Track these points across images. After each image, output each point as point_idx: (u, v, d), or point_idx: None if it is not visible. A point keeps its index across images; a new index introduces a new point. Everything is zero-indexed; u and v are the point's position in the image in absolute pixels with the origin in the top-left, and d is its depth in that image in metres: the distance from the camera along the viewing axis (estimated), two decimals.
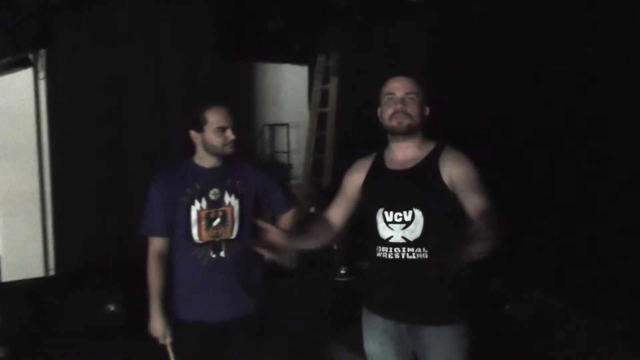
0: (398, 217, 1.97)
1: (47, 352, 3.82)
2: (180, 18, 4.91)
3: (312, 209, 5.99)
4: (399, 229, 1.97)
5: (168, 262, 2.33)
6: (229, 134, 2.23)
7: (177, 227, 2.28)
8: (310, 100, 6.22)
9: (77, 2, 4.35)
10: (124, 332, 3.99)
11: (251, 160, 2.49)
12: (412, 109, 1.99)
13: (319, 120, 6.10)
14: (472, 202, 1.88)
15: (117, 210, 4.71)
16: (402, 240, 1.96)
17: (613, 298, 3.32)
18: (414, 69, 4.80)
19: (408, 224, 1.95)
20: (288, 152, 6.08)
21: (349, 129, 5.73)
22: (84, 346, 3.85)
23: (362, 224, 2.21)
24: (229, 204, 2.28)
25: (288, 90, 6.14)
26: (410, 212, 1.95)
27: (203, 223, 2.25)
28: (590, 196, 3.62)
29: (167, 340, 2.29)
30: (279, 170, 6.02)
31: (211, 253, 2.26)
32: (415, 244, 1.94)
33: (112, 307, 3.99)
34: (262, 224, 1.92)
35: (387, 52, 5.15)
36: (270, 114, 6.10)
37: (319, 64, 6.06)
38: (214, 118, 2.22)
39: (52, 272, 4.68)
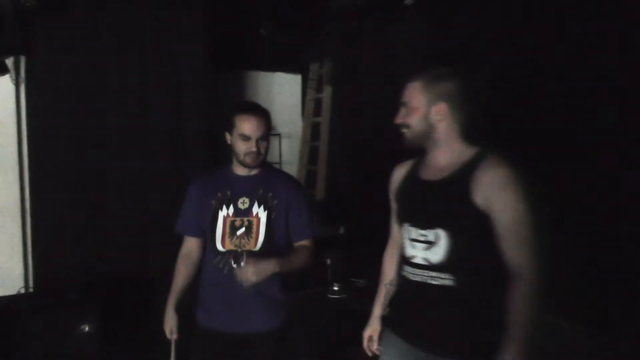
0: (422, 235, 1.79)
1: None
2: (166, 24, 4.72)
3: None
4: (422, 248, 1.78)
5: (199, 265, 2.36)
6: (252, 145, 2.18)
7: (206, 231, 2.29)
8: (303, 110, 6.08)
9: (57, 6, 4.19)
10: (98, 354, 3.79)
11: (292, 177, 2.45)
12: (409, 119, 1.82)
13: (312, 131, 5.95)
14: (507, 248, 1.65)
15: (96, 226, 4.52)
16: (425, 263, 1.78)
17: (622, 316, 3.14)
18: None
19: (431, 244, 1.75)
20: (280, 163, 5.88)
21: (343, 139, 5.57)
22: None
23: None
24: (257, 214, 2.23)
25: (280, 99, 5.96)
26: (433, 231, 1.75)
27: (227, 230, 2.22)
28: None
29: (173, 337, 2.33)
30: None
31: (232, 262, 2.21)
32: (438, 268, 1.74)
33: (86, 328, 3.78)
34: None
35: (381, 59, 4.99)
36: None
37: (312, 73, 5.92)
38: (241, 124, 2.20)
39: (31, 290, 4.47)
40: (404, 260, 1.87)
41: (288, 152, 5.99)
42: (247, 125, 2.18)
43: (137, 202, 4.59)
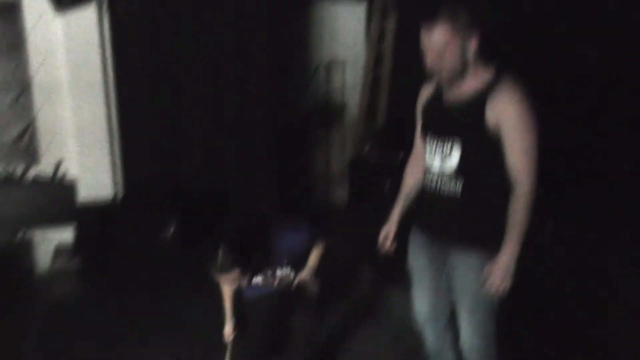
0: (439, 146, 2.04)
1: (116, 265, 4.19)
2: None
3: (367, 148, 6.02)
4: (439, 158, 2.04)
5: None
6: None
7: None
8: (368, 37, 6.12)
9: None
10: (179, 256, 4.30)
11: (295, 224, 2.66)
12: (447, 60, 1.91)
13: (376, 59, 6.02)
14: (511, 162, 1.88)
15: (177, 140, 5.01)
16: (439, 170, 2.05)
17: None
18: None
19: (446, 154, 2.01)
20: (343, 91, 6.05)
21: (406, 67, 5.61)
22: (148, 260, 4.20)
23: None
24: (284, 276, 2.61)
25: (345, 27, 6.05)
26: (449, 143, 2.00)
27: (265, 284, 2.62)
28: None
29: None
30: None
31: None
32: (449, 175, 2.01)
33: (170, 231, 4.29)
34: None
35: None
36: (327, 52, 6.05)
37: (377, 1, 5.91)
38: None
39: (120, 195, 5.03)
40: (425, 168, 2.13)
41: (352, 80, 6.13)
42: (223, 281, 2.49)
43: (213, 118, 5.05)
